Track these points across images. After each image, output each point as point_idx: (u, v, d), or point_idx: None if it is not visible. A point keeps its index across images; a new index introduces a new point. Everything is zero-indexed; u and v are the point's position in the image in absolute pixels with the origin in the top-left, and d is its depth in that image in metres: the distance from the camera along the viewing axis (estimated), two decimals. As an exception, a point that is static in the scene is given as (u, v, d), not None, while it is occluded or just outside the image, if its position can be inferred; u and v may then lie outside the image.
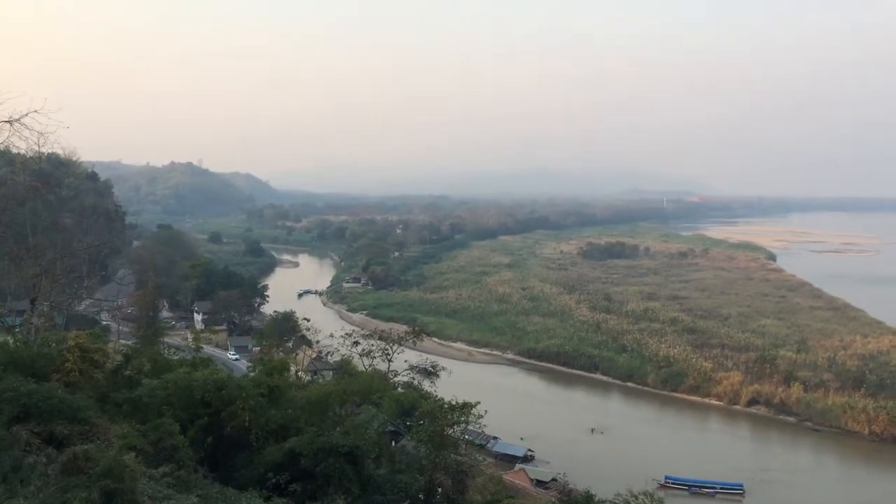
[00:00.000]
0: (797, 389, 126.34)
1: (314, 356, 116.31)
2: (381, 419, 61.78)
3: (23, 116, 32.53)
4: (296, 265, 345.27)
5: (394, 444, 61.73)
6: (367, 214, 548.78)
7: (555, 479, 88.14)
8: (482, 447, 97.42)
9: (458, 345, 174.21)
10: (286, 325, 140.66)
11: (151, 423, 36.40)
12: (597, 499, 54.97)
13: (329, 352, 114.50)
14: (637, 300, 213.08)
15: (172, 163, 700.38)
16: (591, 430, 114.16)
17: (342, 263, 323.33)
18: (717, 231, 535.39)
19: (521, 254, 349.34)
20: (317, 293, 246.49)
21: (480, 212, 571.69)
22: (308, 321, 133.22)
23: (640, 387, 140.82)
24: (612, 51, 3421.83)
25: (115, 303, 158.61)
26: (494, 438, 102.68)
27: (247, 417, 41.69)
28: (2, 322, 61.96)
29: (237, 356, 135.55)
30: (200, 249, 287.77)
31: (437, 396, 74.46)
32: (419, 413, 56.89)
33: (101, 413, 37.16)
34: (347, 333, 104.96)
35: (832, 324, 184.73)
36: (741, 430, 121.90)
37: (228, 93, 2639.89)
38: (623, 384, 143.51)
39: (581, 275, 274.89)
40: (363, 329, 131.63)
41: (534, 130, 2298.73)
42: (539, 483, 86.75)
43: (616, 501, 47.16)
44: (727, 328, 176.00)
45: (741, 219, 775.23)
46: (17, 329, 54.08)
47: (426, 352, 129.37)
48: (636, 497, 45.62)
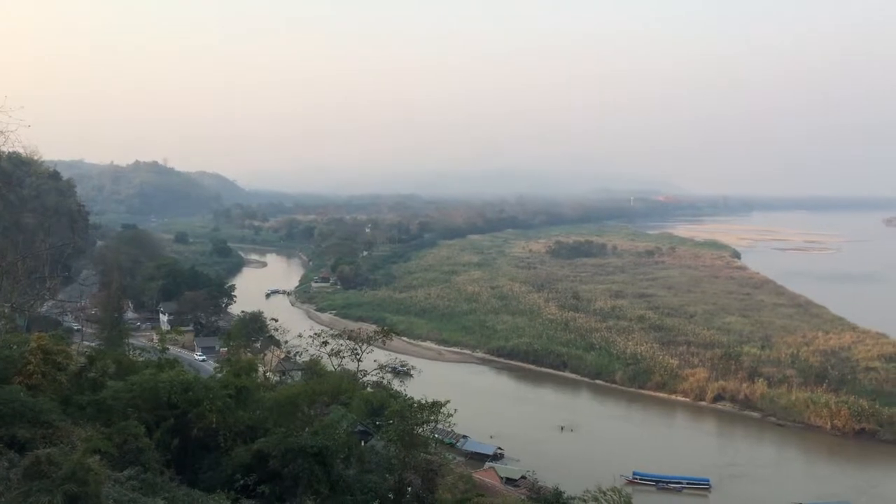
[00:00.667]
0: (761, 385, 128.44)
1: (282, 356, 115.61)
2: (351, 419, 61.64)
3: (-19, 114, 31.92)
4: (264, 265, 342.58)
5: (363, 444, 61.61)
6: (336, 214, 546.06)
7: (524, 477, 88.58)
8: (452, 446, 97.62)
9: (428, 344, 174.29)
10: (254, 326, 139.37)
11: (116, 426, 35.97)
12: (566, 496, 55.55)
13: (298, 352, 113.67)
14: (605, 298, 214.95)
15: (137, 162, 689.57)
16: (561, 428, 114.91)
17: (310, 263, 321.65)
18: (684, 230, 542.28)
19: (491, 253, 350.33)
20: (285, 293, 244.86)
21: (450, 211, 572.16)
22: (276, 321, 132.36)
23: (609, 384, 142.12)
24: (581, 53, 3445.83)
25: (79, 304, 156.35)
26: (464, 437, 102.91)
27: (214, 419, 41.42)
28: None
29: (204, 357, 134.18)
30: (166, 249, 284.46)
31: (407, 396, 74.50)
32: (389, 412, 56.81)
33: (65, 416, 36.62)
34: (316, 333, 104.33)
35: (795, 320, 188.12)
36: (707, 426, 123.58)
37: (194, 91, 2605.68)
38: (591, 382, 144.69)
39: (550, 273, 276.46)
40: (332, 329, 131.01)
41: (503, 131, 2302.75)
42: (509, 481, 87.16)
43: (585, 498, 47.58)
44: (693, 325, 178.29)
45: (707, 217, 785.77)
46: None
47: (396, 351, 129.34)
48: (604, 493, 46.07)
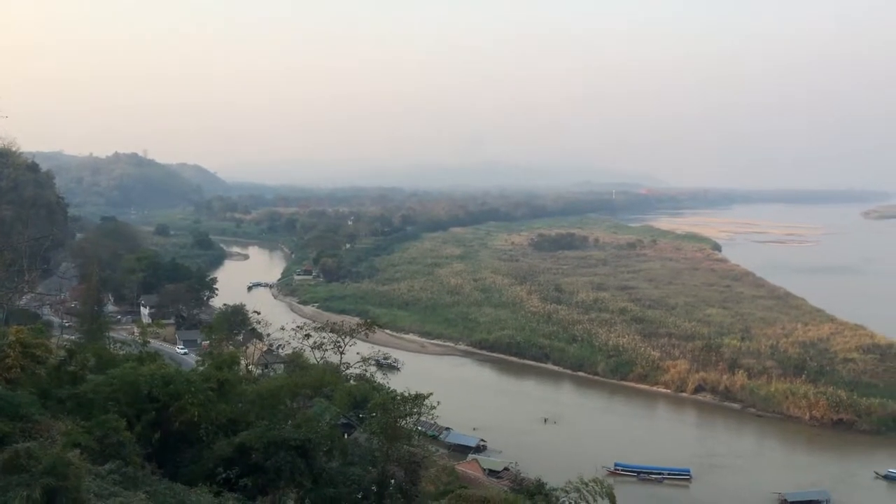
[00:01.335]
0: (741, 376, 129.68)
1: (265, 349, 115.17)
2: (333, 412, 61.47)
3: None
4: (245, 258, 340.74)
5: (346, 437, 61.52)
6: (318, 206, 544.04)
7: (507, 469, 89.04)
8: (435, 438, 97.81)
9: (411, 336, 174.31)
10: (236, 319, 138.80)
11: (96, 420, 35.61)
12: (548, 487, 55.86)
13: (280, 345, 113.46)
14: (587, 290, 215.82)
15: (116, 153, 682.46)
16: (544, 420, 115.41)
17: (293, 256, 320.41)
18: (665, 222, 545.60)
19: (473, 245, 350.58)
20: (267, 286, 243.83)
21: (432, 204, 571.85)
22: (258, 314, 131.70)
23: (591, 376, 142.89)
24: (564, 49, 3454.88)
25: (58, 297, 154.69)
26: (447, 429, 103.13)
27: (195, 412, 41.12)
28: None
29: (185, 350, 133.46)
30: (146, 242, 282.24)
31: (390, 388, 74.42)
32: (371, 405, 56.62)
33: (44, 410, 36.23)
34: (299, 326, 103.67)
35: (774, 312, 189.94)
36: (688, 417, 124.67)
37: (174, 82, 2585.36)
38: (574, 373, 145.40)
39: (532, 266, 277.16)
40: (315, 322, 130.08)
41: (485, 124, 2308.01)
42: (491, 473, 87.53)
43: (567, 489, 47.74)
44: (674, 317, 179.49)
45: (688, 210, 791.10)
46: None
47: (379, 344, 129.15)
48: (586, 484, 46.21)
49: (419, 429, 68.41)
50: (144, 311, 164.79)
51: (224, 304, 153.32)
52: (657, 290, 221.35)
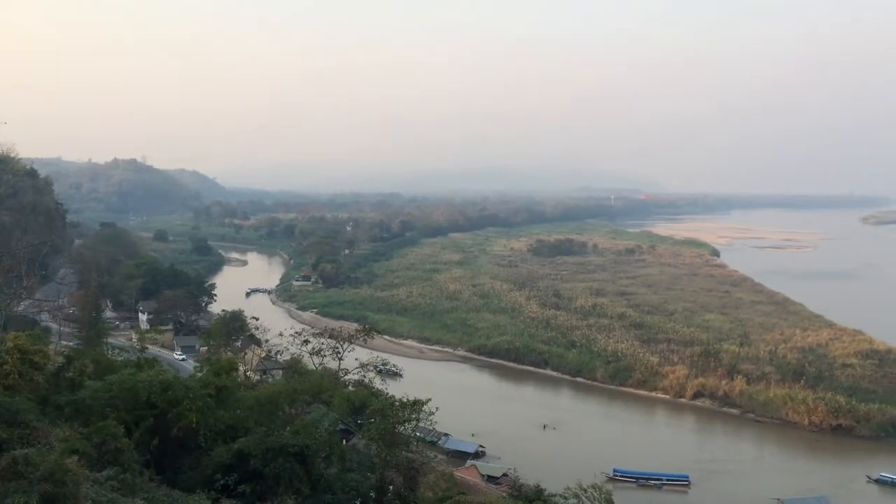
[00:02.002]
0: (740, 382, 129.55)
1: (263, 355, 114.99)
2: (332, 418, 61.53)
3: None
4: (244, 263, 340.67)
5: (344, 443, 61.47)
6: (317, 212, 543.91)
7: (506, 475, 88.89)
8: (433, 444, 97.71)
9: (409, 342, 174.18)
10: (234, 325, 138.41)
11: (95, 426, 35.61)
12: (547, 493, 55.81)
13: (278, 351, 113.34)
14: (586, 296, 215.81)
15: (115, 159, 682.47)
16: (544, 427, 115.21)
17: (291, 262, 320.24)
18: (664, 228, 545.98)
19: (472, 251, 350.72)
20: (266, 292, 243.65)
21: (431, 209, 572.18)
22: (257, 320, 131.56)
23: (590, 381, 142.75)
24: (562, 54, 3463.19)
25: (56, 303, 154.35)
26: (446, 435, 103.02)
27: (194, 418, 41.14)
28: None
29: (184, 356, 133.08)
30: (145, 248, 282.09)
31: (388, 394, 74.44)
32: (370, 411, 56.82)
33: (42, 416, 36.27)
34: (297, 332, 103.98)
35: (773, 318, 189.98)
36: (687, 423, 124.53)
37: (174, 88, 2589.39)
38: (573, 379, 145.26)
39: (531, 272, 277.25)
40: (313, 328, 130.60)
41: (485, 129, 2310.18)
42: (490, 479, 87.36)
43: (566, 495, 47.83)
44: (673, 323, 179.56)
45: (686, 216, 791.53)
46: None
47: (377, 350, 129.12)
48: (585, 490, 46.35)
49: (418, 435, 68.43)
50: (143, 318, 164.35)
51: (222, 310, 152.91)
52: (656, 296, 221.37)
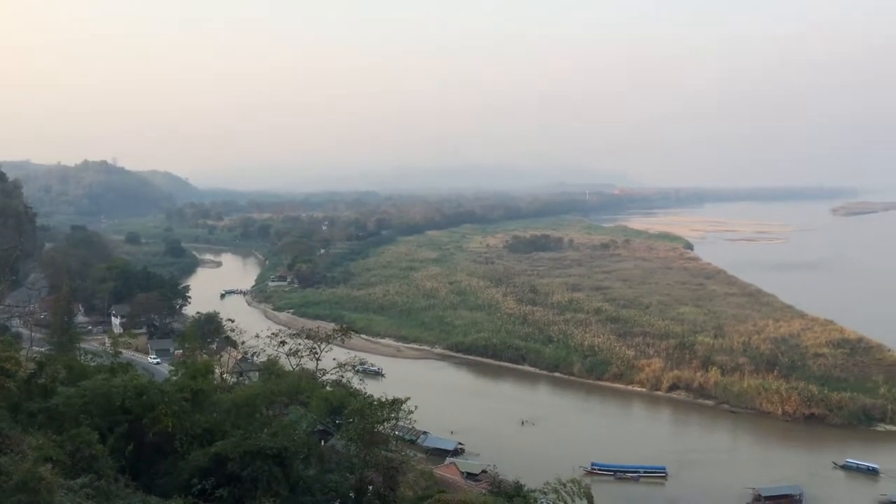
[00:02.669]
0: (715, 374, 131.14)
1: (239, 357, 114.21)
2: (310, 419, 61.27)
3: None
4: (218, 265, 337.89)
5: (323, 444, 61.24)
6: (292, 212, 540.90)
7: (485, 471, 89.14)
8: (413, 443, 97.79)
9: (387, 341, 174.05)
10: (210, 327, 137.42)
11: (68, 433, 35.18)
12: (526, 488, 55.99)
13: (255, 352, 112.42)
14: (562, 291, 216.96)
15: (85, 161, 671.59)
16: (522, 422, 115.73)
17: (267, 262, 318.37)
18: (638, 222, 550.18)
19: (449, 248, 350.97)
20: (241, 293, 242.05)
21: (407, 207, 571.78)
22: (232, 322, 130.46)
23: (567, 376, 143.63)
24: (535, 52, 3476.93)
25: (27, 308, 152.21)
26: (424, 433, 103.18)
27: (170, 423, 40.76)
28: None
29: (158, 360, 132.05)
30: (117, 251, 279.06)
31: (367, 393, 74.25)
32: (348, 411, 56.44)
33: (14, 424, 35.74)
34: (274, 333, 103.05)
35: (746, 309, 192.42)
36: (663, 415, 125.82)
37: (144, 88, 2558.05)
38: (550, 374, 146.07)
39: (507, 268, 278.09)
40: (290, 328, 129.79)
41: (461, 127, 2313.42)
42: (469, 476, 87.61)
43: (545, 490, 47.96)
44: (648, 316, 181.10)
45: (660, 210, 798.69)
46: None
47: (355, 349, 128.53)
48: (564, 485, 46.45)
49: (397, 434, 68.33)
50: (116, 321, 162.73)
51: (197, 313, 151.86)
52: (631, 290, 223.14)
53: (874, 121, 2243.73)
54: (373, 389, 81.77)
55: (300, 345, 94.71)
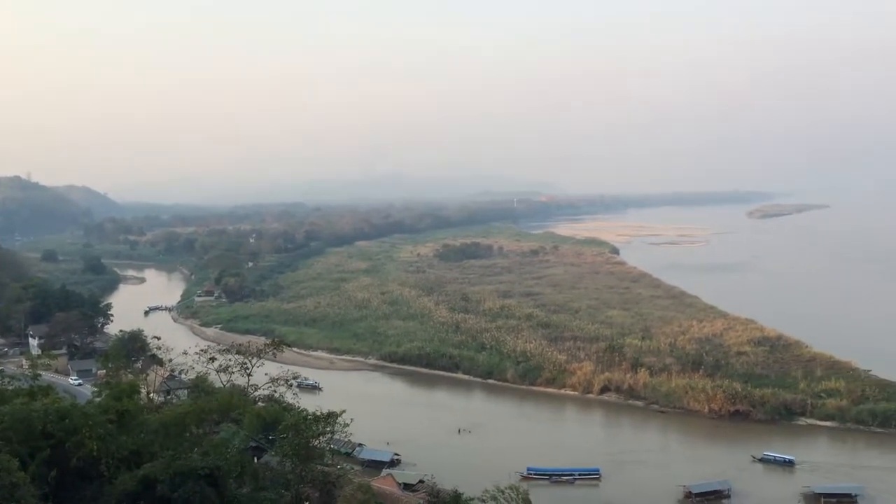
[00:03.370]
0: (643, 375, 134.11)
1: (167, 376, 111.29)
2: (242, 436, 60.03)
3: None
4: (142, 281, 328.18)
5: (256, 461, 60.01)
6: (218, 225, 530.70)
7: (422, 481, 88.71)
8: (349, 455, 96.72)
9: (319, 353, 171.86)
10: (134, 345, 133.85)
11: (-15, 462, 33.41)
12: (465, 496, 56.04)
13: (183, 370, 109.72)
14: (493, 299, 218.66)
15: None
16: (459, 431, 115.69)
17: (193, 277, 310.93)
18: (565, 228, 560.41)
19: (379, 258, 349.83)
20: (167, 309, 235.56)
21: (336, 218, 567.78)
22: (158, 339, 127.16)
23: (501, 383, 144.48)
24: (462, 65, 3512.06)
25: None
26: (360, 445, 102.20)
27: (94, 446, 39.36)
28: None
29: (80, 381, 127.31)
30: (33, 269, 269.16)
31: (301, 408, 73.11)
32: (283, 426, 55.48)
33: (-76, 455, 33.74)
34: (202, 349, 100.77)
35: (671, 311, 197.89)
36: (595, 417, 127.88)
37: (58, 101, 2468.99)
38: (484, 381, 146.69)
39: (439, 276, 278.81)
40: (219, 344, 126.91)
41: (387, 138, 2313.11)
42: (407, 486, 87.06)
43: (483, 498, 48.16)
44: (578, 321, 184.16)
45: (586, 216, 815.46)
46: None
47: (287, 363, 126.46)
48: (502, 492, 46.84)
49: (332, 447, 67.47)
50: (33, 342, 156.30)
51: (120, 331, 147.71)
52: (561, 295, 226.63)
53: (785, 129, 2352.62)
54: (308, 403, 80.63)
55: (230, 360, 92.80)
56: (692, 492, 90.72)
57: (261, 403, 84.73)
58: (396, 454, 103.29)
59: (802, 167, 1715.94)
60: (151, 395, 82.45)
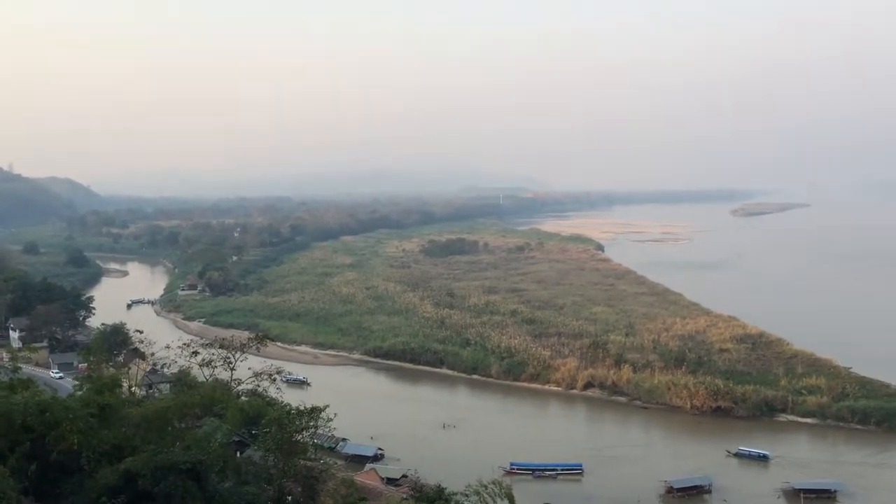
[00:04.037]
0: (627, 371, 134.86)
1: (149, 369, 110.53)
2: (225, 430, 59.73)
3: None
4: (125, 274, 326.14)
5: (239, 455, 59.83)
6: (202, 219, 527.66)
7: (405, 476, 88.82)
8: (332, 450, 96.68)
9: (304, 348, 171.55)
10: (116, 339, 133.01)
11: (-36, 456, 33.14)
12: (448, 492, 56.05)
13: (165, 364, 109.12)
14: (478, 294, 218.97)
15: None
16: (444, 426, 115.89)
17: (176, 270, 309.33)
18: (551, 225, 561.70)
19: (364, 253, 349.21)
20: (149, 303, 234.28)
21: (321, 212, 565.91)
22: (141, 332, 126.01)
23: (485, 378, 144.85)
24: (448, 61, 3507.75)
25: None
26: (343, 440, 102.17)
27: (75, 440, 39.06)
28: None
29: (61, 374, 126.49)
30: (14, 262, 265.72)
31: (284, 403, 72.96)
32: (266, 421, 55.34)
33: None
34: (185, 343, 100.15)
35: (655, 308, 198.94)
36: (579, 413, 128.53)
37: (41, 90, 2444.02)
38: (468, 377, 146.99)
39: (424, 272, 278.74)
40: (202, 338, 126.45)
41: (374, 132, 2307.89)
42: (390, 481, 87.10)
43: (467, 493, 48.22)
44: (563, 317, 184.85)
45: (572, 212, 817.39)
46: None
47: (270, 357, 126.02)
48: (486, 487, 46.89)
49: (315, 442, 67.35)
50: (14, 335, 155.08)
51: (102, 324, 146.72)
52: (546, 291, 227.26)
53: (772, 128, 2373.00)
54: (292, 398, 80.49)
55: (213, 355, 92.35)
56: (673, 487, 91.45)
57: (244, 398, 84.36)
58: (380, 449, 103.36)
59: (787, 166, 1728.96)
60: (133, 389, 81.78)
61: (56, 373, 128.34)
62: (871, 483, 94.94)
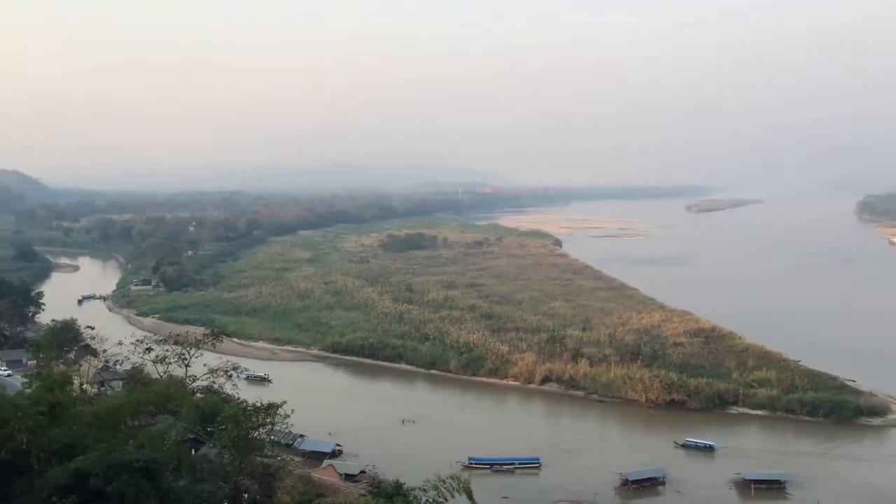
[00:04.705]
0: (584, 365, 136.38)
1: (101, 367, 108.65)
2: (180, 428, 58.89)
3: None
4: (75, 269, 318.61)
5: (194, 453, 59.11)
6: (156, 212, 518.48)
7: (364, 472, 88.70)
8: (289, 447, 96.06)
9: (261, 344, 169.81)
10: (67, 335, 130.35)
11: None
12: (406, 487, 56.12)
13: (118, 360, 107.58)
14: (437, 289, 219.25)
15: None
16: (403, 421, 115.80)
17: (129, 265, 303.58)
18: (509, 220, 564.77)
19: (323, 248, 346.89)
20: (101, 298, 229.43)
21: (278, 207, 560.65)
22: (92, 329, 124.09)
23: (444, 373, 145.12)
24: (408, 55, 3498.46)
25: None
26: (301, 436, 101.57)
27: (24, 438, 38.27)
28: None
29: (9, 372, 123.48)
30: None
31: (241, 399, 72.17)
32: (221, 418, 54.68)
33: None
34: (138, 340, 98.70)
35: (611, 303, 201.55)
36: (537, 407, 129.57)
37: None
38: (427, 372, 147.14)
39: (383, 267, 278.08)
40: (156, 334, 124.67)
41: (331, 126, 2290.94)
42: (348, 477, 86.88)
43: (425, 487, 48.33)
44: (521, 312, 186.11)
45: (530, 208, 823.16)
46: None
47: (227, 353, 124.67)
48: (444, 481, 47.05)
49: (272, 438, 66.81)
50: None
51: (52, 320, 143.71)
52: (504, 286, 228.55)
53: (734, 129, 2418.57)
54: (250, 395, 79.62)
55: (168, 351, 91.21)
56: (629, 479, 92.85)
57: (199, 395, 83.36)
58: (338, 445, 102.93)
59: (753, 166, 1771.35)
60: (85, 387, 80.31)
61: (4, 370, 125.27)
62: (819, 473, 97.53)
